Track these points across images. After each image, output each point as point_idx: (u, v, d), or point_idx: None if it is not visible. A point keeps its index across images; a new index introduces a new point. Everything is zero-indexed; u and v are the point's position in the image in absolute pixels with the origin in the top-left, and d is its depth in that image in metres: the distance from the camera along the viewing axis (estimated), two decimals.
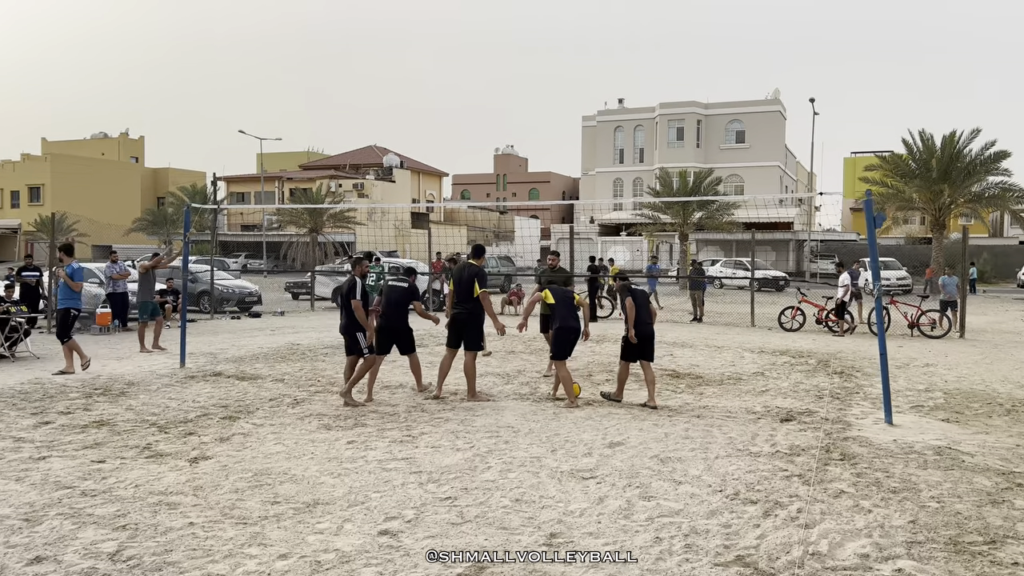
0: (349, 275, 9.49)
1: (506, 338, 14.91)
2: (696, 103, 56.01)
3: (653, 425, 8.06)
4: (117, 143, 78.64)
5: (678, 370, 12.00)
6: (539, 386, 10.38)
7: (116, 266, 17.66)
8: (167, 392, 9.79)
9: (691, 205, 33.84)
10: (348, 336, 9.31)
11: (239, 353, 13.54)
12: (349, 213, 47.17)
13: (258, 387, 10.19)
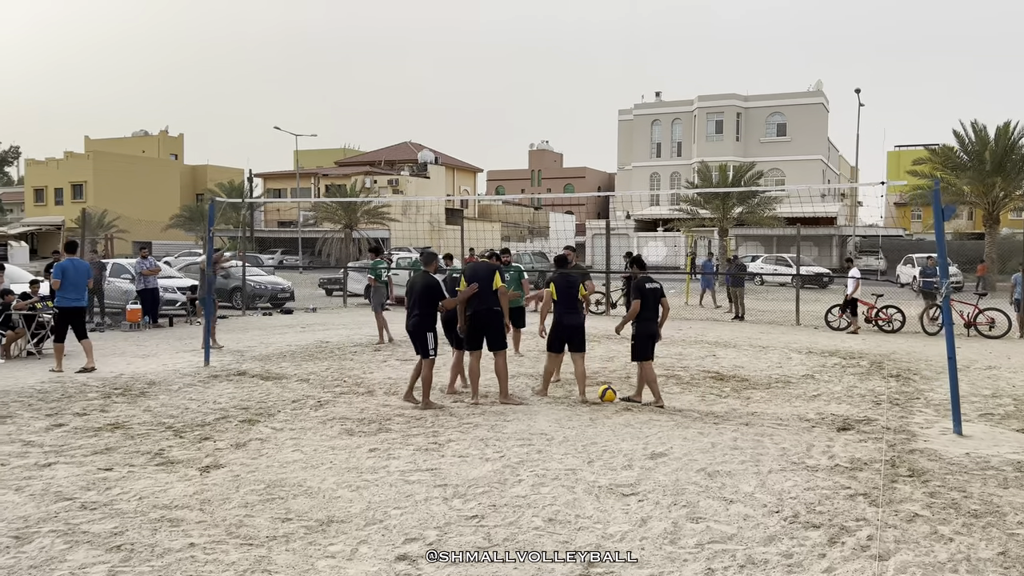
0: (420, 271, 8.90)
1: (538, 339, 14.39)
2: (736, 95, 54.80)
3: (698, 434, 7.47)
4: (157, 141, 79.46)
5: (722, 372, 11.37)
6: (572, 388, 9.83)
7: (146, 262, 17.49)
8: (188, 392, 9.44)
9: (731, 199, 32.93)
10: (415, 336, 8.68)
11: (266, 351, 13.21)
12: (383, 209, 46.97)
13: (282, 387, 9.79)
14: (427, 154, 66.06)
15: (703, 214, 34.06)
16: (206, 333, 11.55)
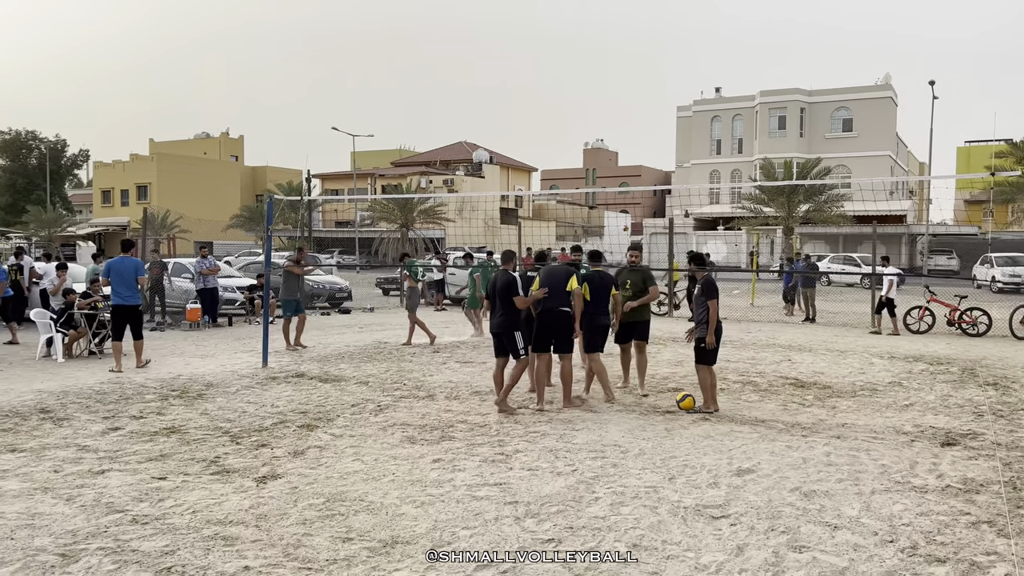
0: (501, 270, 8.56)
1: None
2: (799, 90, 53.19)
3: (786, 447, 6.88)
4: (218, 142, 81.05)
5: (801, 378, 10.69)
6: (645, 394, 9.29)
7: (206, 261, 17.49)
8: (246, 395, 9.19)
9: (797, 197, 31.79)
10: (505, 336, 8.35)
11: (325, 352, 12.97)
12: (439, 208, 46.89)
13: (341, 390, 9.48)
14: (482, 153, 65.88)
15: (767, 212, 32.96)
16: (265, 334, 11.33)
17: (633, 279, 9.35)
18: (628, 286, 9.29)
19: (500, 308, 8.34)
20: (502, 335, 8.39)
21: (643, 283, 9.38)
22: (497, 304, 8.38)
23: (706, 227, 50.50)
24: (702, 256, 8.82)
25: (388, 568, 4.21)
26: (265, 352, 11.30)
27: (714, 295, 8.32)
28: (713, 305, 8.25)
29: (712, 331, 8.29)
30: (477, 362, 11.77)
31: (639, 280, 9.35)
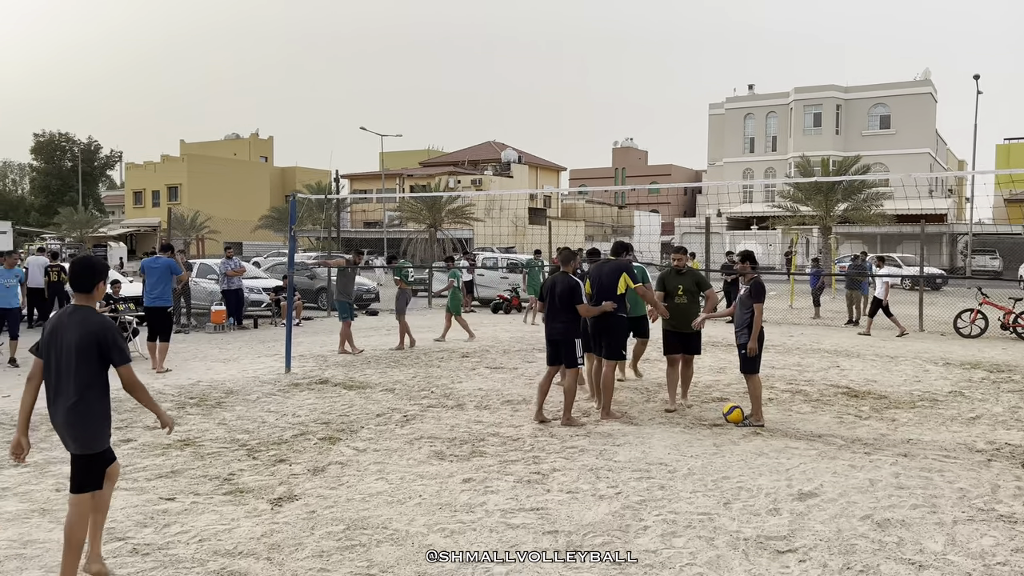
0: (560, 273, 8.03)
1: None
2: (835, 87, 51.96)
3: (849, 467, 6.27)
4: (248, 143, 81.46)
5: (853, 387, 10.03)
6: (689, 405, 8.71)
7: (231, 262, 17.18)
8: (266, 403, 8.76)
9: (835, 195, 30.84)
10: (564, 344, 7.76)
11: (350, 356, 12.53)
12: (467, 208, 46.47)
13: (365, 398, 9.02)
14: (510, 153, 65.40)
15: (804, 211, 32.06)
16: (288, 337, 10.90)
17: (684, 283, 8.67)
18: (681, 292, 8.63)
19: (560, 314, 7.77)
20: (560, 343, 7.81)
21: (696, 287, 8.73)
22: (556, 309, 7.80)
23: (739, 227, 49.55)
24: (754, 255, 8.21)
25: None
26: (288, 357, 10.87)
27: (761, 298, 7.74)
28: (759, 309, 7.66)
29: (756, 336, 7.70)
30: (507, 367, 11.26)
31: (690, 284, 8.69)
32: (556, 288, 7.79)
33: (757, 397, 7.77)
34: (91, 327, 3.85)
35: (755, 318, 7.62)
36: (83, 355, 3.82)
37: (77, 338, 3.83)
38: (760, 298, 7.69)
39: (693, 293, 8.69)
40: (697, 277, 8.89)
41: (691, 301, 8.67)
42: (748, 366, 7.77)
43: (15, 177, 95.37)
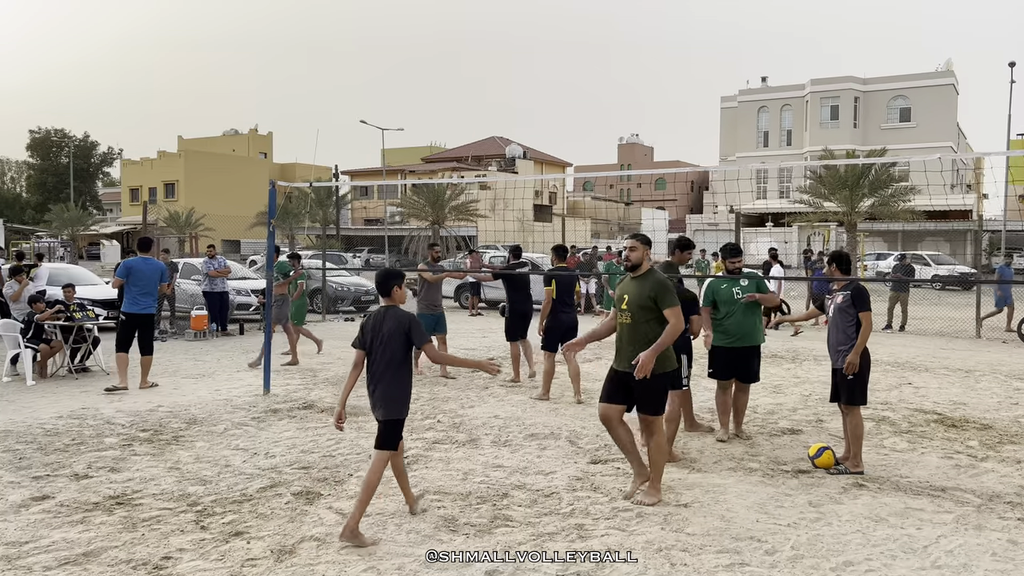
0: (672, 279, 6.45)
1: None
2: (853, 78, 50.15)
3: (1009, 543, 4.62)
4: (247, 139, 79.78)
5: (941, 411, 8.38)
6: (758, 442, 7.05)
7: (215, 261, 15.56)
8: (235, 437, 7.12)
9: (861, 190, 29.12)
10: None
11: (343, 369, 10.88)
12: (471, 205, 44.83)
13: (358, 430, 7.37)
14: (515, 148, 63.73)
15: (828, 207, 30.33)
16: (267, 350, 9.23)
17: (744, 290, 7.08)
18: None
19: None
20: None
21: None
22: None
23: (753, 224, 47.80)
24: (847, 256, 6.55)
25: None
26: (267, 376, 9.19)
27: (868, 305, 6.12)
28: (867, 319, 6.05)
29: (859, 350, 6.08)
30: (528, 386, 9.59)
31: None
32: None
33: (859, 437, 6.13)
34: (400, 320, 4.68)
35: (862, 330, 6.01)
36: (393, 342, 4.67)
37: (390, 329, 4.66)
38: (867, 305, 6.09)
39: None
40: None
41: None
42: (851, 395, 6.13)
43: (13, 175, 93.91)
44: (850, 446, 6.20)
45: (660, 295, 5.27)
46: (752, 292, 7.02)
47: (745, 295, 6.99)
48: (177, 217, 52.56)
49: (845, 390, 6.21)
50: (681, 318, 5.28)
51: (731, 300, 7.01)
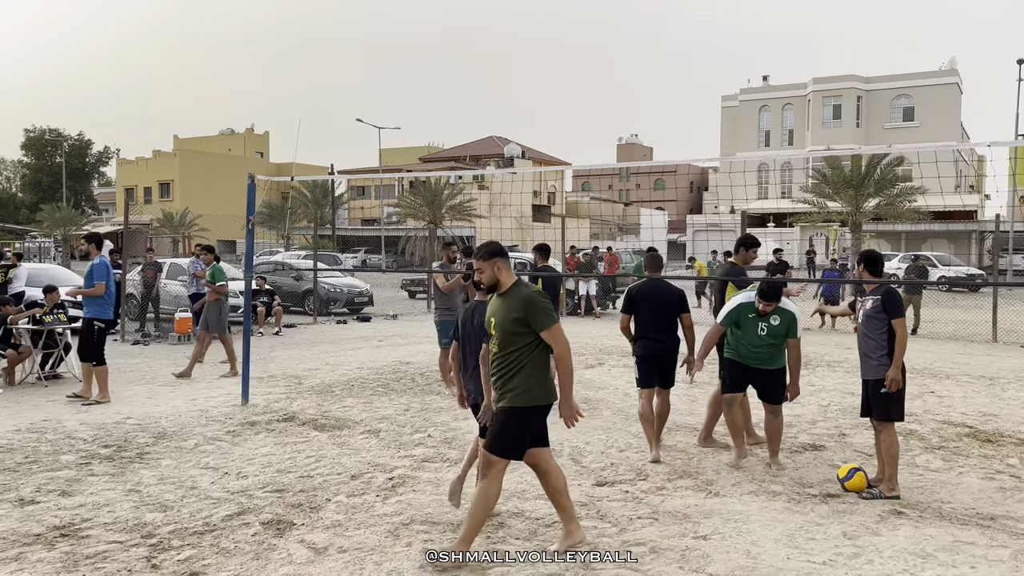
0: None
1: None
2: (856, 77, 49.56)
3: None
4: (243, 139, 79.13)
5: (971, 423, 7.78)
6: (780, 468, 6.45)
7: (200, 262, 14.92)
8: (206, 454, 6.50)
9: (867, 189, 28.53)
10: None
11: (330, 376, 10.28)
12: (469, 204, 44.23)
13: (340, 446, 6.76)
14: (514, 148, 63.13)
15: (832, 207, 29.75)
16: (245, 357, 8.59)
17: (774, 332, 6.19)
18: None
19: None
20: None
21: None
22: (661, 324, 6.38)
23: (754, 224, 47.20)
24: (879, 256, 5.88)
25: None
26: (246, 385, 8.55)
27: (901, 311, 5.50)
28: (901, 326, 5.43)
29: (899, 363, 5.46)
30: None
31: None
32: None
33: (894, 457, 5.51)
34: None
35: (898, 341, 5.39)
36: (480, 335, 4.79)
37: (480, 323, 4.73)
38: (901, 310, 5.47)
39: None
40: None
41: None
42: (884, 410, 5.51)
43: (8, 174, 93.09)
44: (884, 467, 5.59)
45: (531, 314, 4.19)
46: (780, 334, 6.11)
47: (768, 337, 6.10)
48: (171, 217, 51.94)
49: (878, 404, 5.59)
50: (561, 340, 4.23)
51: (754, 336, 6.14)
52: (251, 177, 8.08)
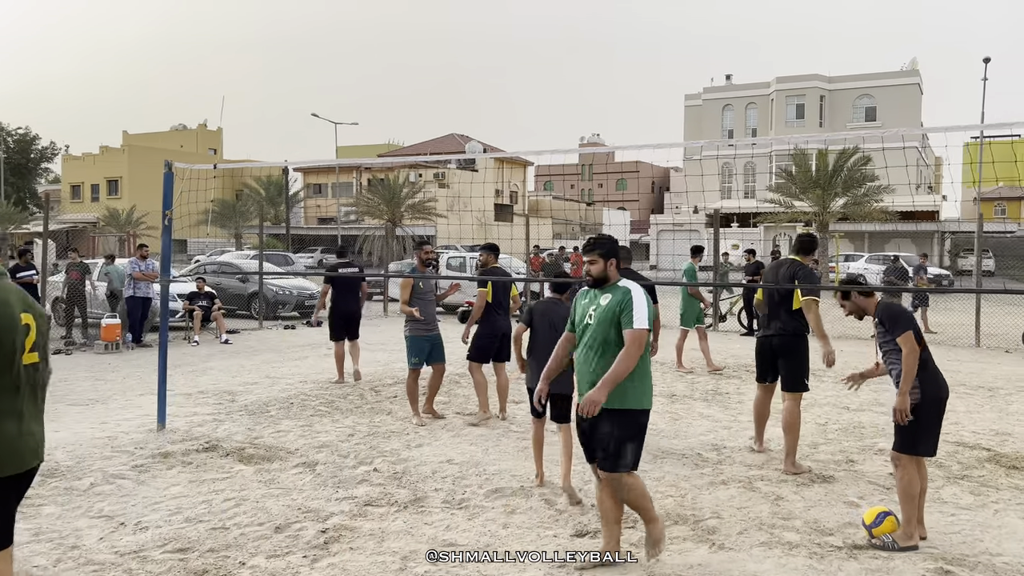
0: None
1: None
2: (819, 76, 49.46)
3: None
4: (195, 135, 76.77)
5: (987, 445, 6.97)
6: (785, 494, 5.51)
7: (144, 263, 13.65)
8: (101, 497, 5.36)
9: (834, 189, 28.09)
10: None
11: (268, 393, 9.13)
12: (429, 204, 43.07)
13: (267, 484, 5.66)
14: (475, 146, 62.04)
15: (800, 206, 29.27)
16: (161, 375, 7.40)
17: None
18: None
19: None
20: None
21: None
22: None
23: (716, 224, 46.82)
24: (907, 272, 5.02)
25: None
26: (162, 408, 7.34)
27: (903, 325, 4.61)
28: (907, 344, 4.54)
29: (907, 391, 4.59)
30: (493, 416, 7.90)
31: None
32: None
33: (910, 497, 4.64)
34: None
35: (904, 359, 4.52)
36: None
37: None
38: (901, 324, 4.60)
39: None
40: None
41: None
42: (901, 439, 4.66)
43: None
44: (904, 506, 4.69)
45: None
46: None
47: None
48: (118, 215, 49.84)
49: (897, 433, 4.73)
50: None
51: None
52: (168, 165, 6.91)
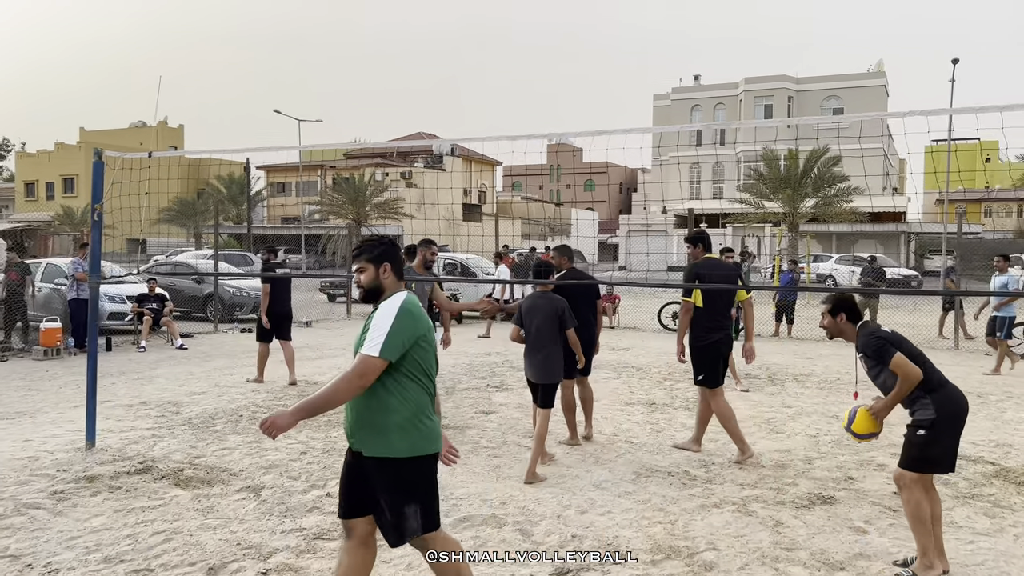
0: None
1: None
2: (787, 77, 49.58)
3: None
4: (155, 132, 74.96)
5: (988, 457, 6.54)
6: (784, 519, 4.98)
7: (86, 263, 12.77)
8: (10, 532, 4.66)
9: (804, 189, 27.92)
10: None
11: (216, 403, 8.41)
12: (396, 203, 42.27)
13: (205, 512, 4.99)
14: (443, 144, 61.29)
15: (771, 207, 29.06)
16: (91, 388, 6.66)
17: None
18: None
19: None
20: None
21: None
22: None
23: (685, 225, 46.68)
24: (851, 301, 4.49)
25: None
26: (91, 424, 6.60)
27: (889, 351, 4.16)
28: (899, 367, 4.13)
29: (889, 407, 4.23)
30: (464, 426, 7.28)
31: None
32: None
33: (920, 522, 4.15)
34: (555, 305, 5.79)
35: (900, 381, 4.10)
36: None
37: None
38: (885, 352, 4.15)
39: None
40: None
41: None
42: (906, 455, 4.26)
43: None
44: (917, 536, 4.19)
45: None
46: None
47: None
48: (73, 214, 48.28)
49: (904, 447, 4.26)
50: None
51: None
52: (97, 153, 6.17)
